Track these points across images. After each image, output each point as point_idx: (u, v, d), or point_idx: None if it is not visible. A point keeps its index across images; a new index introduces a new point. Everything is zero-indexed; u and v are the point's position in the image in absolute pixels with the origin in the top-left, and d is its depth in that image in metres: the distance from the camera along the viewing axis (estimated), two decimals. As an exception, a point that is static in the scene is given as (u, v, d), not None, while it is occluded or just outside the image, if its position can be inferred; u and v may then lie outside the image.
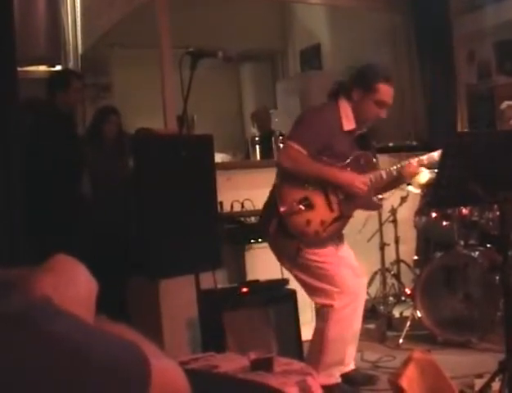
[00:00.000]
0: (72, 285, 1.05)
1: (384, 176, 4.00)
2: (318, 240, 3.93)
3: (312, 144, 3.88)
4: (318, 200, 3.93)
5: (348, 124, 3.97)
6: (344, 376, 4.09)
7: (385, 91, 3.91)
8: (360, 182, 3.90)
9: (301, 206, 3.89)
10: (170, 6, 6.02)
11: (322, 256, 3.95)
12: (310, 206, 3.92)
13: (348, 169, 3.98)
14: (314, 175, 3.91)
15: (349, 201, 3.97)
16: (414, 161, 4.00)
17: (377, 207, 4.42)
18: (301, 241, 3.92)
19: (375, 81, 3.91)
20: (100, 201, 5.48)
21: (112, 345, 0.93)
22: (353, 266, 4.11)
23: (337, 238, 4.09)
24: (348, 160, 3.98)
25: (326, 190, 3.93)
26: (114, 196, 5.43)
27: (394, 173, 4.00)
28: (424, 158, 4.00)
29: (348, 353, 4.06)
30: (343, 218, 4.00)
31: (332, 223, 3.94)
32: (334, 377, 3.98)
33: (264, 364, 2.61)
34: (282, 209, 3.90)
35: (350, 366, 4.16)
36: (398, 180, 4.13)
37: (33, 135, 4.92)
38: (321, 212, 3.93)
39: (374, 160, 4.10)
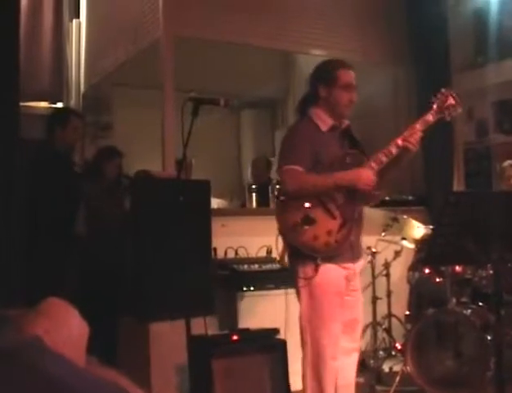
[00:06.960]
0: (64, 328, 1.06)
1: (384, 158, 3.91)
2: (331, 250, 3.84)
3: (303, 161, 3.86)
4: (318, 213, 3.85)
5: (324, 124, 3.97)
6: None
7: (347, 74, 3.97)
8: (365, 175, 3.85)
9: (305, 226, 3.82)
10: (174, 50, 6.07)
11: (332, 279, 3.83)
12: (312, 222, 3.84)
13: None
14: (320, 187, 3.86)
15: (348, 203, 3.89)
16: (417, 124, 4.05)
17: (375, 199, 4.16)
18: (316, 257, 3.82)
19: (334, 71, 3.97)
20: (94, 240, 5.47)
21: (102, 390, 0.93)
22: (352, 317, 3.97)
23: (351, 252, 3.93)
24: (335, 165, 3.91)
25: (323, 201, 3.86)
26: (109, 236, 5.43)
27: (399, 144, 3.95)
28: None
29: None
30: (349, 222, 3.88)
31: (339, 230, 3.86)
32: None
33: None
34: (287, 234, 3.85)
35: None
36: (403, 154, 4.00)
37: (30, 172, 4.93)
38: (324, 223, 3.85)
39: (360, 155, 3.98)
